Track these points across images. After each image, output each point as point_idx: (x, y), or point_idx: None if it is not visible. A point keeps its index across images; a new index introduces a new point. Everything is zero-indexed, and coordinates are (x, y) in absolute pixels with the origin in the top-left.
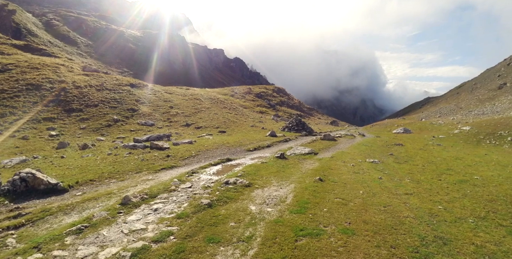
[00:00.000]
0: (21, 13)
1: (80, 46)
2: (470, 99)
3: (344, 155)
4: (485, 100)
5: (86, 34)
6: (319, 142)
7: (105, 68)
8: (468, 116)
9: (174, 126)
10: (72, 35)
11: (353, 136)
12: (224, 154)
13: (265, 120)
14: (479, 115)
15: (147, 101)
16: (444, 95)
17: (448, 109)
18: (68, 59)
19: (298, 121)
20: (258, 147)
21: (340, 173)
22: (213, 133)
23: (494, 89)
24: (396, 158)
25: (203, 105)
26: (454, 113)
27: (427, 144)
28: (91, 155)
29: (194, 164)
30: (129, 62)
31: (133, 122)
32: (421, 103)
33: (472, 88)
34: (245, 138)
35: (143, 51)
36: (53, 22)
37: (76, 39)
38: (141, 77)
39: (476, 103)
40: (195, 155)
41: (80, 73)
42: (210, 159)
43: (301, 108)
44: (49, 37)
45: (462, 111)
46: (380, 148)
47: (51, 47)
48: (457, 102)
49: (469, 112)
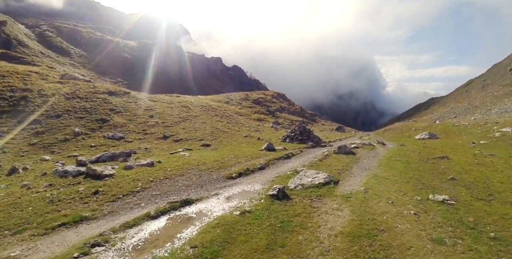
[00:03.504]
0: (12, 24)
1: (74, 57)
2: (484, 97)
3: (383, 184)
4: (502, 96)
5: (80, 45)
6: (333, 157)
7: (98, 78)
8: (490, 116)
9: (148, 140)
10: (66, 46)
11: (371, 145)
12: (187, 186)
13: (263, 128)
14: (503, 113)
15: (123, 110)
16: (451, 94)
17: (462, 109)
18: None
19: (303, 129)
20: (246, 171)
21: (405, 244)
22: (193, 147)
23: (509, 84)
24: (467, 187)
25: (190, 114)
26: (470, 112)
27: (476, 154)
28: (3, 186)
29: (121, 213)
30: (124, 72)
31: (98, 136)
32: (426, 104)
33: (483, 85)
34: (233, 153)
35: (138, 61)
36: (47, 33)
37: (69, 50)
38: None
39: (493, 100)
40: (140, 190)
41: (54, 81)
42: (159, 199)
43: (303, 114)
44: (41, 48)
45: (479, 110)
46: (423, 165)
47: (42, 58)
48: (470, 100)
49: (488, 110)
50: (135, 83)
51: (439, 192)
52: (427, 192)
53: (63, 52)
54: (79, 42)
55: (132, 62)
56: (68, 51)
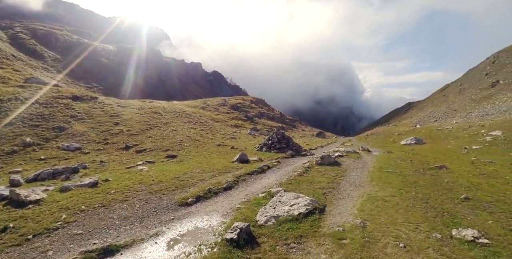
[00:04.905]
0: None
1: (47, 60)
2: (463, 101)
3: (383, 211)
4: (481, 100)
5: (55, 48)
6: (315, 169)
7: (72, 83)
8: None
9: (107, 151)
10: (39, 49)
11: (356, 152)
12: (123, 220)
13: (240, 136)
14: (484, 116)
15: (86, 116)
16: (428, 99)
17: (441, 113)
18: (14, 71)
19: (281, 136)
20: (207, 193)
21: None
22: (156, 159)
23: (487, 88)
24: (489, 212)
25: (160, 120)
26: (450, 116)
27: (473, 162)
28: None
29: None
30: (100, 77)
31: (52, 147)
32: (404, 109)
33: (460, 89)
34: (200, 166)
35: (116, 65)
36: (20, 35)
37: (43, 53)
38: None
39: (471, 104)
40: (60, 227)
41: (15, 85)
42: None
43: (282, 120)
44: (13, 51)
45: (459, 113)
46: (422, 178)
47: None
48: (448, 104)
49: (468, 114)
50: (111, 88)
51: (459, 221)
52: (445, 223)
53: (36, 55)
54: (54, 45)
55: (109, 67)
56: (41, 54)
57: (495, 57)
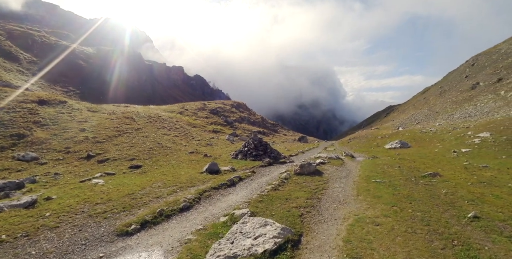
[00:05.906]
0: None
1: (22, 63)
2: (444, 103)
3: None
4: (462, 102)
5: (31, 49)
6: (293, 180)
7: (48, 86)
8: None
9: (67, 161)
10: (15, 50)
11: (339, 159)
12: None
13: (217, 142)
14: (467, 118)
15: (51, 122)
16: (409, 101)
17: (423, 115)
18: None
19: (258, 142)
20: (157, 216)
21: None
22: (118, 171)
23: (467, 90)
24: (506, 236)
25: (131, 126)
26: (432, 118)
27: (466, 167)
28: None
29: None
30: (77, 81)
31: (6, 156)
32: (385, 112)
33: (440, 92)
34: (163, 179)
35: (94, 68)
36: None
37: (18, 54)
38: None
39: (453, 106)
40: None
41: None
42: None
43: (264, 125)
44: None
45: (441, 115)
46: (416, 190)
47: None
48: (429, 107)
49: (450, 116)
50: (89, 92)
51: (477, 254)
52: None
53: (11, 57)
54: (30, 47)
55: (88, 70)
56: (16, 56)
57: (474, 60)
